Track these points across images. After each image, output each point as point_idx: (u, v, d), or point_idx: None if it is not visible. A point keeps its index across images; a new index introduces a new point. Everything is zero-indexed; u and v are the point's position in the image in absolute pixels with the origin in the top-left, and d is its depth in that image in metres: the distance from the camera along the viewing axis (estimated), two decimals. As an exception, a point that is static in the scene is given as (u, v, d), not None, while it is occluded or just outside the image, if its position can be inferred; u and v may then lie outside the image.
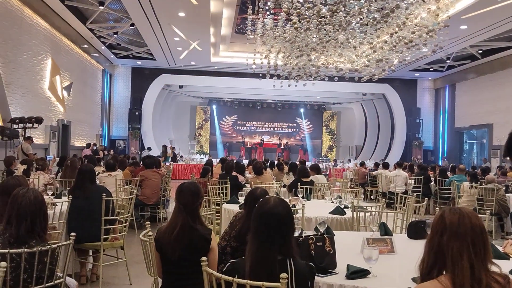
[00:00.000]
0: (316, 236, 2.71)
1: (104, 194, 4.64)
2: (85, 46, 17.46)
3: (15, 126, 11.18)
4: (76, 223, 4.65)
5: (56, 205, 4.68)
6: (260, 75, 13.41)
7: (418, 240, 3.63)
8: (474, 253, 1.73)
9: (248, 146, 26.74)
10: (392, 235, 3.70)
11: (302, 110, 27.25)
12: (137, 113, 21.59)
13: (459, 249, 1.73)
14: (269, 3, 11.41)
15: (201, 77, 21.89)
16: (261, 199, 2.26)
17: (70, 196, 4.62)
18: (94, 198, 4.70)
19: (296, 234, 3.18)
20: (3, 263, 2.09)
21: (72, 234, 2.72)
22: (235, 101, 26.54)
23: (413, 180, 11.38)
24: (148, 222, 3.03)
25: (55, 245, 2.53)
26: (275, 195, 6.23)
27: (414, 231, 3.71)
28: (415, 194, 6.19)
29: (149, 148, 20.34)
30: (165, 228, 2.88)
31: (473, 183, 8.66)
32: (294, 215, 4.76)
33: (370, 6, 8.94)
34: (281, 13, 10.01)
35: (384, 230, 3.70)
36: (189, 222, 2.83)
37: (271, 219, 2.17)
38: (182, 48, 17.63)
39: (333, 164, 22.00)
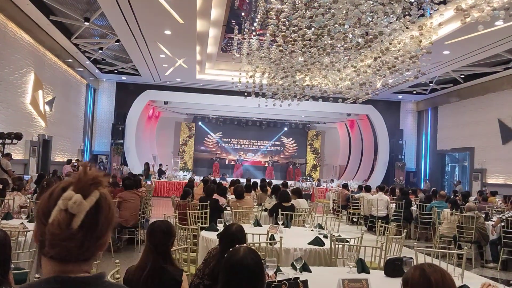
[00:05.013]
0: (289, 281, 2.65)
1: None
2: (69, 60, 17.31)
3: (-7, 141, 10.98)
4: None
5: (29, 231, 4.59)
6: (245, 93, 13.39)
7: (395, 278, 3.61)
8: None
9: (227, 163, 26.72)
10: (369, 273, 3.66)
11: (286, 128, 27.28)
12: (120, 129, 21.36)
13: None
14: (255, 24, 11.49)
15: (186, 93, 21.79)
16: (230, 249, 2.19)
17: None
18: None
19: (272, 272, 3.13)
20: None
21: (36, 275, 2.62)
22: (220, 118, 26.48)
23: (394, 204, 11.40)
24: (117, 262, 2.93)
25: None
26: (253, 225, 6.18)
27: (392, 268, 3.67)
28: (395, 224, 6.18)
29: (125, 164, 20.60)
30: (135, 269, 2.79)
31: (454, 210, 8.71)
32: (272, 246, 4.69)
33: (354, 31, 9.00)
34: (267, 34, 10.04)
35: (362, 267, 3.66)
36: (160, 263, 2.75)
37: (240, 271, 2.10)
38: (168, 65, 17.59)
39: (316, 183, 22.01)
